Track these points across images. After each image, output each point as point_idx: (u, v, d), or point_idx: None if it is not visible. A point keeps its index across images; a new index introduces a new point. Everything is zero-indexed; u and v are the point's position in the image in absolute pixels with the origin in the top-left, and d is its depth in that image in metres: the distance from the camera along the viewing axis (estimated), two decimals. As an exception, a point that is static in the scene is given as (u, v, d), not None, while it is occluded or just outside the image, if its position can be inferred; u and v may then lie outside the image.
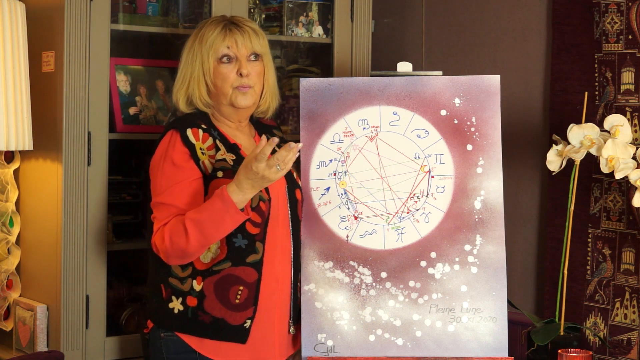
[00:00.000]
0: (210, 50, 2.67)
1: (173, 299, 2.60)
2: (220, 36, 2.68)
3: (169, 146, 2.60)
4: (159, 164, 2.60)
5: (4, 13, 2.84)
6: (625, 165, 2.82)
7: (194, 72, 2.69)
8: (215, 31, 2.69)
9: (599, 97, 3.20)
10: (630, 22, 3.11)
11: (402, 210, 2.79)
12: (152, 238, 2.58)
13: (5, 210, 3.13)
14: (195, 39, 2.71)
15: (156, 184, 2.60)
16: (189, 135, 2.60)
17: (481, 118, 2.80)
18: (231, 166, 2.60)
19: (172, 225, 2.52)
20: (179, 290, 2.59)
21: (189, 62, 2.70)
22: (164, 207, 2.56)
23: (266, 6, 3.49)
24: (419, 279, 2.77)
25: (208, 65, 2.67)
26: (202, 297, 2.58)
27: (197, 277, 2.58)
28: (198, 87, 2.69)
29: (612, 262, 3.16)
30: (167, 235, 2.51)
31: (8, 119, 2.84)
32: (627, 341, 3.12)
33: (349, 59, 3.48)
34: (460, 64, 3.72)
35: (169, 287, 2.61)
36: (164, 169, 2.58)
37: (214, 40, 2.67)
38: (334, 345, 2.77)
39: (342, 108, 2.82)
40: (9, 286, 3.16)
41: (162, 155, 2.60)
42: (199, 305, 2.58)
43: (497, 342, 2.76)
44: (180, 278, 2.59)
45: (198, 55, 2.68)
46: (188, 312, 2.59)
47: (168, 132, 2.63)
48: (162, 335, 2.61)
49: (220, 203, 2.46)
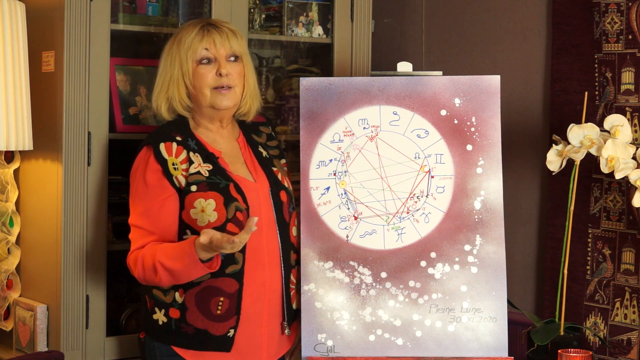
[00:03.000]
0: (189, 51, 2.67)
1: (156, 310, 2.63)
2: (198, 37, 2.67)
3: (142, 163, 2.63)
4: (133, 181, 2.64)
5: (4, 13, 2.84)
6: (625, 165, 2.82)
7: (173, 75, 2.68)
8: (192, 33, 2.68)
9: (599, 97, 3.20)
10: (630, 22, 3.11)
11: (402, 210, 2.79)
12: (128, 257, 2.63)
13: (5, 210, 3.13)
14: (173, 43, 2.71)
15: (131, 203, 2.64)
16: (161, 150, 2.61)
17: (481, 118, 2.80)
18: (206, 177, 2.61)
19: (146, 260, 2.55)
20: (162, 302, 2.62)
21: (168, 66, 2.70)
22: (139, 230, 2.61)
23: (266, 6, 3.49)
24: (419, 279, 2.77)
25: (187, 67, 2.67)
26: (184, 309, 2.60)
27: (179, 289, 2.60)
28: (178, 90, 2.68)
29: (612, 262, 3.16)
30: (139, 267, 2.57)
31: (8, 119, 2.84)
32: (627, 341, 3.12)
33: (349, 59, 3.47)
34: (460, 64, 3.72)
35: (152, 299, 2.64)
36: (138, 188, 2.61)
37: (191, 41, 2.67)
38: (334, 345, 2.77)
39: (342, 107, 2.83)
40: (9, 286, 3.16)
41: (135, 172, 2.64)
42: (182, 317, 2.60)
43: (497, 342, 2.76)
44: (163, 290, 2.61)
45: (177, 58, 2.68)
46: (172, 323, 2.61)
47: (143, 147, 2.65)
48: (155, 342, 2.65)
49: (188, 260, 2.49)
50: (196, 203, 2.59)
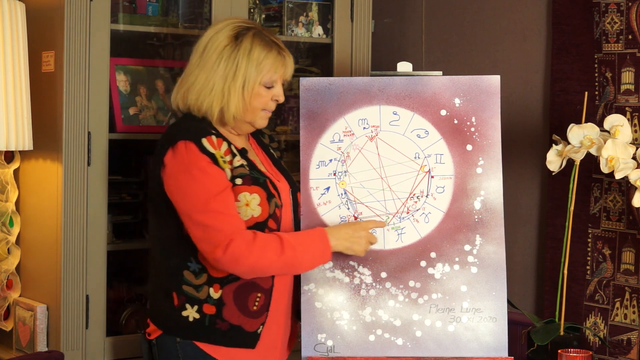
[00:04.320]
0: (261, 73, 2.57)
1: (187, 307, 2.53)
2: (275, 63, 2.59)
3: (186, 157, 2.48)
4: (185, 177, 2.48)
5: (4, 13, 2.84)
6: (625, 165, 2.82)
7: (232, 86, 2.56)
8: (269, 55, 2.59)
9: (599, 97, 3.20)
10: (630, 22, 3.11)
11: (402, 210, 2.79)
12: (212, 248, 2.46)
13: (5, 210, 3.13)
14: (238, 51, 2.57)
15: (193, 197, 2.47)
16: (205, 145, 2.49)
17: (481, 118, 2.80)
18: (248, 172, 2.56)
19: (267, 239, 2.48)
20: (195, 298, 2.53)
21: (229, 74, 2.56)
22: (223, 216, 2.47)
23: (266, 6, 3.49)
24: (418, 279, 2.77)
25: (252, 86, 2.57)
26: (221, 305, 2.54)
27: (213, 284, 2.53)
28: (235, 103, 2.57)
29: (612, 262, 3.16)
30: (257, 247, 2.47)
31: (8, 119, 2.84)
32: (627, 341, 3.12)
33: (349, 59, 3.48)
34: (460, 64, 3.72)
35: (182, 295, 2.54)
36: (196, 179, 2.47)
37: (268, 65, 2.58)
38: (333, 345, 2.77)
39: (342, 107, 2.83)
40: (9, 286, 3.16)
41: (182, 168, 2.48)
42: (218, 313, 2.54)
43: (497, 342, 2.76)
44: (195, 286, 2.53)
45: (241, 70, 2.56)
46: (205, 320, 2.54)
47: (178, 143, 2.49)
48: (178, 340, 2.55)
49: (318, 249, 2.57)
50: (240, 196, 2.52)
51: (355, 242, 2.66)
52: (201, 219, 2.47)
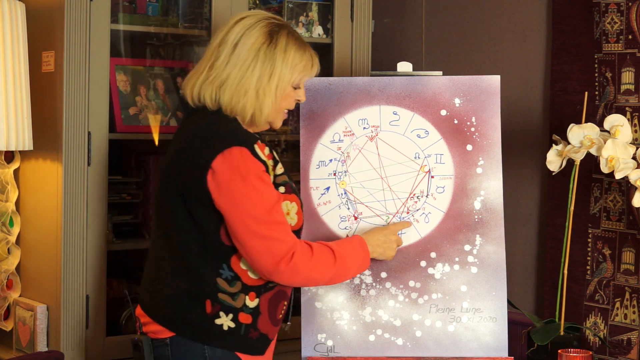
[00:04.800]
0: (294, 74, 2.49)
1: (221, 315, 2.43)
2: (308, 65, 2.53)
3: (244, 164, 2.38)
4: (243, 186, 2.37)
5: (4, 13, 2.84)
6: (625, 165, 2.82)
7: (267, 87, 2.46)
8: (304, 56, 2.52)
9: (599, 97, 3.20)
10: (630, 22, 3.11)
11: (402, 210, 2.79)
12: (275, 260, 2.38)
13: (5, 210, 3.13)
14: (273, 49, 2.47)
15: (253, 207, 2.37)
16: (257, 151, 2.40)
17: (481, 118, 2.80)
18: (288, 180, 2.49)
19: (321, 251, 2.46)
20: (230, 307, 2.43)
21: (264, 74, 2.46)
22: (283, 226, 2.41)
23: (266, 6, 3.49)
24: (418, 279, 2.77)
25: (284, 87, 2.49)
26: (257, 314, 2.46)
27: (249, 292, 2.45)
28: (268, 105, 2.48)
29: (612, 262, 3.16)
30: (315, 259, 2.44)
31: (8, 119, 2.84)
32: (627, 341, 3.12)
33: (349, 59, 3.48)
34: (460, 64, 3.72)
35: (217, 303, 2.42)
36: (256, 188, 2.38)
37: (302, 67, 2.51)
38: (333, 345, 2.77)
39: (342, 107, 2.83)
40: (9, 286, 3.16)
41: (238, 176, 2.37)
42: (253, 322, 2.46)
43: (497, 342, 2.76)
44: (231, 294, 2.43)
45: (277, 71, 2.46)
46: (241, 329, 2.45)
47: (233, 149, 2.38)
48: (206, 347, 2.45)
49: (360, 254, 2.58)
50: (282, 205, 2.45)
51: (387, 248, 2.68)
52: (262, 231, 2.38)
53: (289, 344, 3.03)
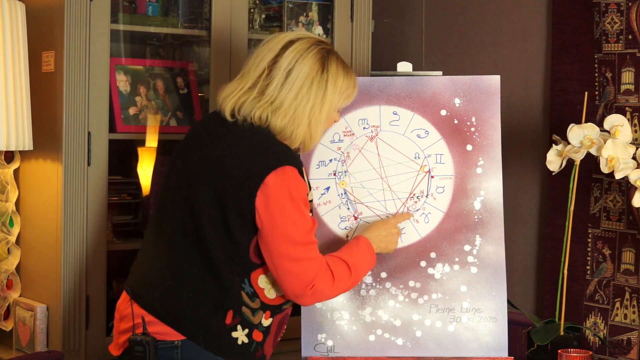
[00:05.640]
0: (342, 99, 2.52)
1: (238, 329, 2.42)
2: (354, 89, 2.55)
3: (296, 185, 2.39)
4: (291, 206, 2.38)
5: (4, 13, 2.84)
6: (625, 165, 2.82)
7: (319, 117, 2.48)
8: (351, 82, 2.53)
9: (599, 97, 3.20)
10: (630, 22, 3.11)
11: (402, 210, 2.79)
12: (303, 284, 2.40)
13: (5, 210, 3.13)
14: (325, 78, 2.48)
15: (296, 228, 2.39)
16: (304, 175, 2.43)
17: (481, 118, 2.80)
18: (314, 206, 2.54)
19: (339, 268, 2.47)
20: (249, 322, 2.43)
21: (316, 103, 2.46)
22: (314, 247, 2.44)
23: (266, 6, 3.49)
24: (418, 279, 2.77)
25: (332, 113, 2.52)
26: (267, 333, 2.47)
27: (266, 311, 2.45)
28: (320, 133, 2.51)
29: (612, 262, 3.16)
30: (337, 280, 2.45)
31: (8, 119, 2.84)
32: (627, 341, 3.12)
33: (349, 59, 3.48)
34: (460, 64, 3.72)
35: (238, 316, 2.41)
36: (301, 211, 2.40)
37: (349, 92, 2.54)
38: (333, 345, 2.77)
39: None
40: (9, 286, 3.16)
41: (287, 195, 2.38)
42: (263, 341, 2.47)
43: (497, 342, 2.76)
44: (253, 309, 2.43)
45: (327, 98, 2.47)
46: (252, 346, 2.45)
47: (286, 168, 2.38)
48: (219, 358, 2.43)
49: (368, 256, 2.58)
50: None
51: (389, 242, 2.68)
52: (297, 253, 2.39)
53: (289, 344, 3.02)
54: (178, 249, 2.44)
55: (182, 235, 2.43)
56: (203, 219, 2.40)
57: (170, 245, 2.45)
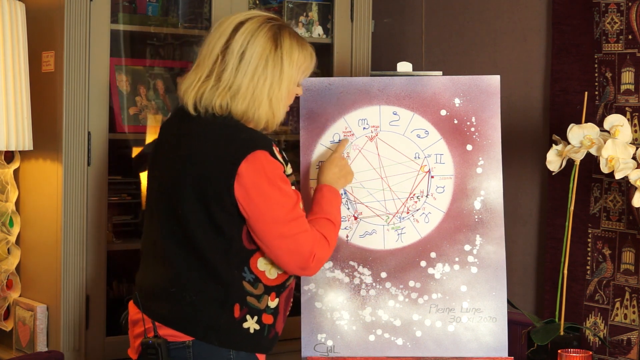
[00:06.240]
0: (299, 73, 2.50)
1: (248, 319, 2.42)
2: (311, 61, 2.53)
3: (270, 167, 2.39)
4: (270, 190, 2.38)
5: (4, 13, 2.84)
6: (625, 165, 2.82)
7: (279, 94, 2.46)
8: (307, 54, 2.51)
9: (599, 97, 3.20)
10: (630, 22, 3.11)
11: (402, 210, 2.79)
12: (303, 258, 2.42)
13: (5, 210, 3.13)
14: (280, 54, 2.45)
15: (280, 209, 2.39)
16: (275, 152, 2.42)
17: (481, 118, 2.80)
18: (296, 179, 2.52)
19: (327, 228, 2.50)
20: (256, 309, 2.43)
21: (275, 81, 2.44)
22: (303, 220, 2.44)
23: (266, 6, 3.49)
24: (418, 279, 2.77)
25: (293, 87, 2.50)
26: (276, 314, 2.48)
27: (270, 293, 2.45)
28: (282, 110, 2.49)
29: (612, 262, 3.16)
30: (330, 241, 2.48)
31: (8, 119, 2.84)
32: (627, 341, 3.12)
33: (349, 59, 3.48)
34: (460, 64, 3.72)
35: (245, 306, 2.42)
36: (282, 190, 2.39)
37: (307, 65, 2.51)
38: (333, 345, 2.77)
39: (342, 108, 2.83)
40: (9, 286, 3.16)
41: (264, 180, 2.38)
42: (274, 322, 2.48)
43: (497, 342, 2.76)
44: (257, 296, 2.43)
45: (285, 74, 2.46)
46: (264, 330, 2.45)
47: (257, 152, 2.38)
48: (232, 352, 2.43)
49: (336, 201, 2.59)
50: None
51: (346, 174, 2.72)
52: (287, 230, 2.40)
53: (289, 344, 3.02)
54: (173, 256, 2.44)
55: (175, 242, 2.43)
56: (191, 223, 2.40)
57: (165, 254, 2.46)
